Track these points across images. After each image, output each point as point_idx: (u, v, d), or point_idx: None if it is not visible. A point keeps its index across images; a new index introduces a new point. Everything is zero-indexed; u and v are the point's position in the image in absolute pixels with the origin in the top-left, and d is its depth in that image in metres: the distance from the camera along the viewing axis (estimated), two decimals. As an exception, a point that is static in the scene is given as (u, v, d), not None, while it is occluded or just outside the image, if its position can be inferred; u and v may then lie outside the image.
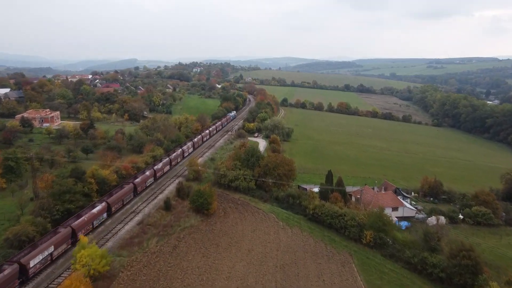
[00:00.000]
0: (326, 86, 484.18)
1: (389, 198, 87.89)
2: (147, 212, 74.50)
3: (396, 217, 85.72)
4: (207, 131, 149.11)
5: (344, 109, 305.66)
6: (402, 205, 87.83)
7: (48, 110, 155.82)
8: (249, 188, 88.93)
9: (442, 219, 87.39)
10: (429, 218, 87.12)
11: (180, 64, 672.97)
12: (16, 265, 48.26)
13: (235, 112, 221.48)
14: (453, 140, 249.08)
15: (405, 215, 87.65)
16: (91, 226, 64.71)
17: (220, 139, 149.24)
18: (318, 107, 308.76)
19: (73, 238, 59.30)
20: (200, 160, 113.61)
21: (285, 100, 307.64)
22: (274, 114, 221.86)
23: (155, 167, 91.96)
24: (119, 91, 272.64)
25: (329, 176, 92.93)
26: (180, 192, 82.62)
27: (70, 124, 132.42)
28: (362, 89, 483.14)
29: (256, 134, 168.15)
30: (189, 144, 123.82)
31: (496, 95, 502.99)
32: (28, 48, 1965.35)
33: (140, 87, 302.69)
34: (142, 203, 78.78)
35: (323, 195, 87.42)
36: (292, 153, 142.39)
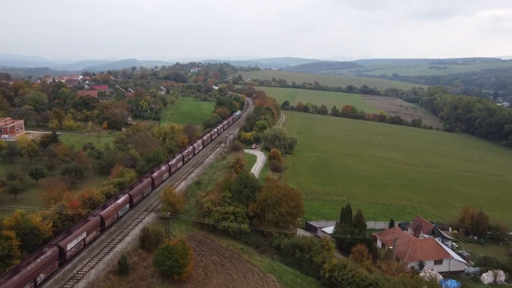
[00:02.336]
0: (328, 87, 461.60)
1: (430, 247, 65.23)
2: (93, 278, 51.78)
3: (440, 272, 63.40)
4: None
5: (350, 113, 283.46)
6: (449, 256, 65.12)
7: (9, 118, 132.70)
8: (241, 231, 66.52)
9: (501, 274, 65.21)
10: (484, 274, 64.77)
11: (177, 64, 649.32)
12: (56, 248, 51.79)
13: (240, 111, 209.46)
14: (470, 148, 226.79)
15: (452, 269, 65.16)
16: (116, 216, 68.25)
17: (210, 153, 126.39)
18: (322, 111, 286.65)
19: (102, 226, 63.50)
20: (182, 185, 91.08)
21: (286, 103, 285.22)
22: (274, 120, 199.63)
23: (170, 163, 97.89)
24: (107, 94, 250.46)
25: (347, 213, 70.50)
26: (145, 242, 59.98)
27: (28, 137, 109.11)
28: (366, 90, 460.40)
29: (253, 146, 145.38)
30: (199, 141, 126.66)
31: (504, 97, 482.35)
32: (28, 49, 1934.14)
33: (130, 89, 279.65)
34: (90, 260, 56.17)
35: (341, 243, 65.07)
36: (295, 171, 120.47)
